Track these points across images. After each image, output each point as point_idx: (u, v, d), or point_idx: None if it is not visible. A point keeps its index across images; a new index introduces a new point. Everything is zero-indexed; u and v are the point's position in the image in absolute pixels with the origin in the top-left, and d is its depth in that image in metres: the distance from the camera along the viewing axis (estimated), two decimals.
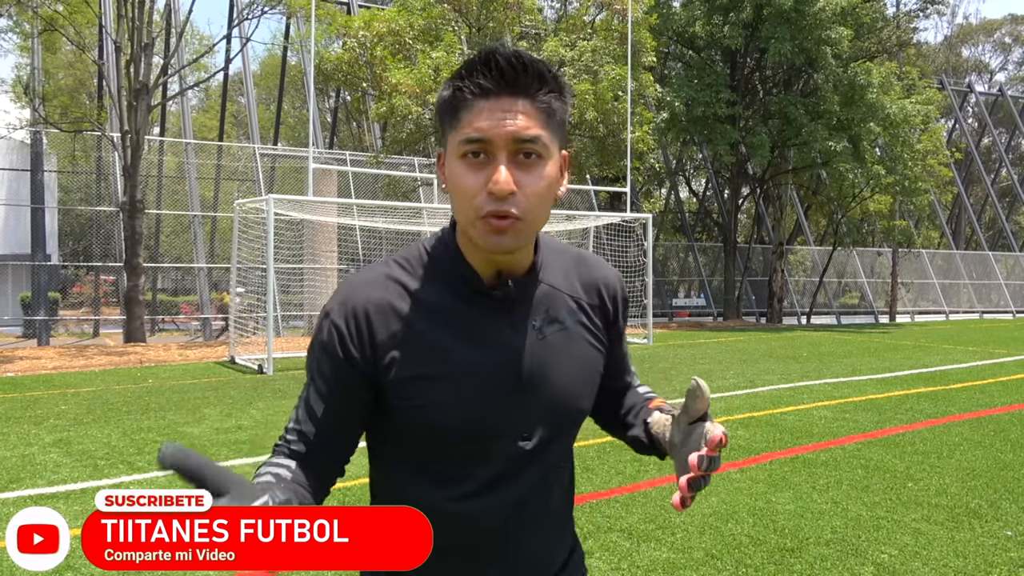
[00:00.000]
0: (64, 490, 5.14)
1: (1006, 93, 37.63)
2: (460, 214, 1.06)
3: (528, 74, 1.02)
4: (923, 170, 23.49)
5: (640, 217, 17.74)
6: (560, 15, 21.62)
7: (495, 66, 1.01)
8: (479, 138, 1.01)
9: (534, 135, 1.02)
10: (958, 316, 30.15)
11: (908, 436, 6.97)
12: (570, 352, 1.15)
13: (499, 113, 1.01)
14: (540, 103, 1.03)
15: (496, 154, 1.01)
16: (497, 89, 1.01)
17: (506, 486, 1.12)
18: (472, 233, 1.05)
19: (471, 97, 1.02)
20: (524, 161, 1.02)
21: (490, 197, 1.01)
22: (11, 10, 15.84)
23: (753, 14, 22.07)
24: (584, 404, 1.17)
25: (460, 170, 1.03)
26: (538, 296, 1.14)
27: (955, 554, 4.03)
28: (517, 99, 1.02)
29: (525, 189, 1.02)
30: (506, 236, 1.03)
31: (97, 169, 18.85)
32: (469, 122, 1.02)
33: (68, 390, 9.54)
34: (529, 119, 1.02)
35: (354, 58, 15.92)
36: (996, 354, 14.58)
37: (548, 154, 1.04)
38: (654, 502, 4.88)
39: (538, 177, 1.03)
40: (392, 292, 1.10)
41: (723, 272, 26.26)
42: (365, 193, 20.62)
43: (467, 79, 1.03)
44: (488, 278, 1.10)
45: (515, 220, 1.02)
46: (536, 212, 1.04)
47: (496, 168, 1.01)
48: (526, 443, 1.11)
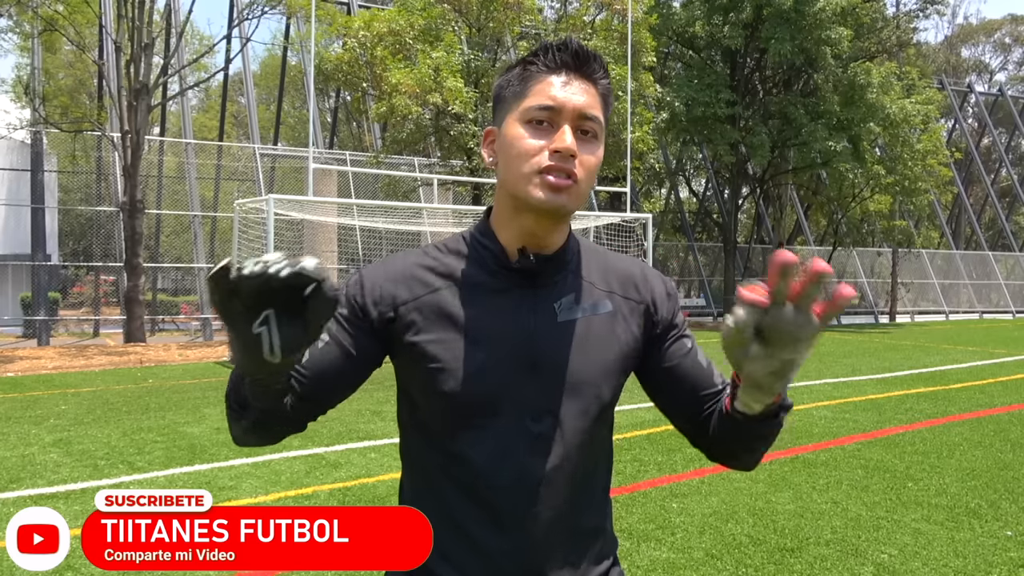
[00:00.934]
0: (64, 490, 5.14)
1: (1006, 93, 37.63)
2: (513, 173, 1.10)
3: (596, 62, 1.13)
4: (923, 170, 23.48)
5: (640, 217, 17.73)
6: (560, 15, 21.61)
7: (571, 48, 1.11)
8: (550, 106, 1.09)
9: (595, 114, 1.12)
10: (958, 316, 30.15)
11: (908, 436, 6.97)
12: (593, 339, 1.15)
13: (570, 87, 1.10)
14: (601, 88, 1.14)
15: (561, 123, 1.09)
16: (570, 67, 1.11)
17: (520, 467, 1.11)
18: (524, 190, 1.09)
19: (545, 71, 1.11)
20: (582, 136, 1.11)
21: (554, 155, 1.08)
22: (11, 10, 15.83)
23: (753, 14, 22.07)
24: (603, 394, 1.15)
25: (523, 132, 1.10)
26: (568, 284, 1.17)
27: (955, 554, 4.04)
28: (584, 80, 1.11)
29: (583, 158, 1.10)
30: (564, 195, 1.08)
31: (97, 169, 18.85)
32: (541, 91, 1.10)
33: (68, 390, 9.54)
34: (593, 99, 1.12)
35: (354, 58, 15.91)
36: (996, 354, 14.58)
37: (601, 136, 1.14)
38: (654, 502, 4.88)
39: (592, 152, 1.12)
40: (421, 263, 1.16)
41: (723, 272, 26.26)
42: (365, 193, 20.62)
43: (542, 55, 1.12)
44: (512, 253, 1.15)
45: (573, 184, 1.09)
46: (586, 183, 1.11)
47: (562, 131, 1.08)
48: (535, 424, 1.11)
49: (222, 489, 5.13)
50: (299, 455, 6.09)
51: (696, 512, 4.68)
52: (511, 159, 1.11)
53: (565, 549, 1.15)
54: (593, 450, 1.18)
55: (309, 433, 7.11)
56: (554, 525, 1.13)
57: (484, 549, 1.11)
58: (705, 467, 5.79)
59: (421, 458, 1.18)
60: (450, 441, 1.13)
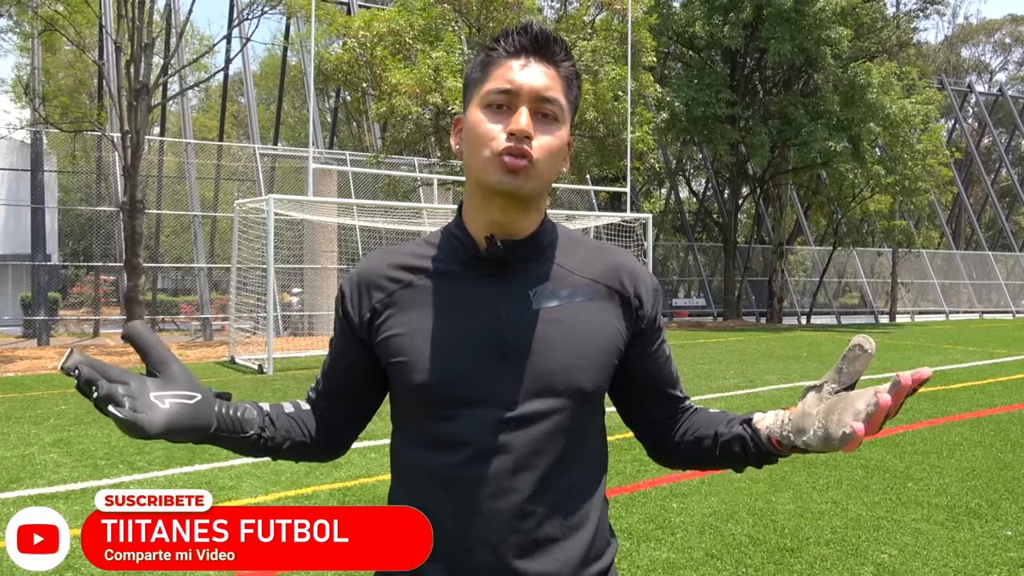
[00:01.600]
0: (64, 490, 5.14)
1: (1006, 93, 37.63)
2: (473, 157, 1.12)
3: (556, 44, 1.12)
4: (923, 170, 23.48)
5: (640, 217, 17.73)
6: (560, 15, 21.61)
7: (529, 32, 1.11)
8: (507, 89, 1.09)
9: (554, 96, 1.10)
10: (958, 316, 30.14)
11: (908, 436, 6.97)
12: (570, 327, 1.12)
13: (528, 70, 1.10)
14: (563, 71, 1.13)
15: (519, 105, 1.09)
16: (529, 50, 1.11)
17: (496, 459, 1.08)
18: (483, 174, 1.10)
19: (505, 55, 1.11)
20: (542, 120, 1.10)
21: (510, 137, 1.07)
22: (11, 10, 15.83)
23: (753, 14, 22.07)
24: (582, 381, 1.12)
25: (482, 117, 1.10)
26: (543, 271, 1.15)
27: (955, 554, 4.03)
28: (544, 63, 1.11)
29: (541, 140, 1.09)
30: (519, 176, 1.08)
31: (97, 169, 18.85)
32: (500, 75, 1.10)
33: (68, 390, 9.53)
34: (552, 81, 1.11)
35: (354, 58, 15.91)
36: (996, 354, 14.58)
37: (563, 119, 1.12)
38: (654, 502, 4.88)
39: (552, 133, 1.11)
40: (394, 262, 1.18)
41: (723, 272, 26.26)
42: (365, 193, 20.62)
43: (502, 40, 1.13)
44: (481, 242, 1.14)
45: (528, 165, 1.08)
46: (546, 164, 1.10)
47: (518, 112, 1.08)
48: (509, 414, 1.09)
49: (222, 489, 5.13)
50: None
51: (696, 512, 4.68)
52: (472, 144, 1.12)
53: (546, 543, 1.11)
54: (573, 442, 1.14)
55: None
56: (532, 518, 1.10)
57: (465, 544, 1.09)
58: None
59: (402, 456, 1.18)
60: (426, 435, 1.12)
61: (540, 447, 1.10)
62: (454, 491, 1.10)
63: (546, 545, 1.11)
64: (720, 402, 8.73)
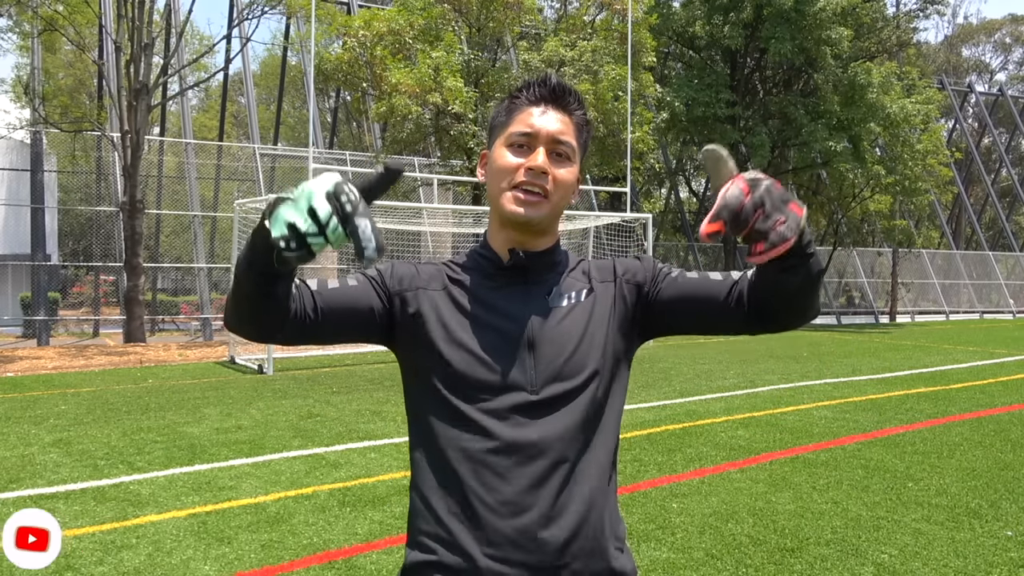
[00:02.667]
0: (64, 490, 5.14)
1: (1006, 93, 37.62)
2: (495, 188, 1.31)
3: (570, 95, 1.32)
4: (923, 170, 23.47)
5: (640, 217, 17.73)
6: (560, 15, 21.60)
7: (548, 84, 1.31)
8: (528, 132, 1.29)
9: (567, 140, 1.30)
10: (958, 316, 30.14)
11: (908, 436, 6.97)
12: (579, 320, 1.31)
13: (546, 118, 1.30)
14: (576, 119, 1.33)
15: (537, 146, 1.29)
16: (547, 100, 1.31)
17: (522, 435, 1.24)
18: (501, 203, 1.29)
19: (527, 103, 1.31)
20: (556, 158, 1.30)
21: (528, 172, 1.27)
22: (11, 10, 15.83)
23: (753, 14, 22.06)
24: (590, 362, 1.29)
25: (505, 153, 1.30)
26: (556, 280, 1.35)
27: (955, 554, 4.03)
28: (560, 111, 1.31)
29: (555, 174, 1.29)
30: (533, 208, 1.27)
31: (97, 169, 18.84)
32: (522, 120, 1.30)
33: (68, 390, 9.53)
34: (566, 127, 1.31)
35: (354, 58, 15.90)
36: (996, 354, 14.58)
37: (574, 159, 1.32)
38: (654, 502, 4.88)
39: (565, 170, 1.30)
40: (438, 269, 1.37)
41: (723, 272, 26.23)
42: None
43: (525, 91, 1.32)
44: (506, 256, 1.33)
45: (543, 197, 1.27)
46: (559, 196, 1.30)
47: (536, 152, 1.28)
48: (535, 396, 1.25)
49: (222, 489, 5.12)
50: (299, 455, 6.09)
51: (696, 512, 4.68)
52: (493, 176, 1.31)
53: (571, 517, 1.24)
54: (590, 421, 1.29)
55: (309, 433, 7.10)
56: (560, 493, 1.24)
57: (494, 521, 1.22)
58: (705, 467, 5.79)
59: (434, 442, 1.29)
60: (464, 417, 1.26)
61: (564, 423, 1.26)
62: (489, 468, 1.23)
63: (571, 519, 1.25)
64: (720, 402, 8.74)
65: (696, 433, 7.02)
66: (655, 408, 8.30)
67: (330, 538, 4.23)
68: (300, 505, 4.81)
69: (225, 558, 3.93)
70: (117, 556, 3.89)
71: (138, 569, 3.74)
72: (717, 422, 7.54)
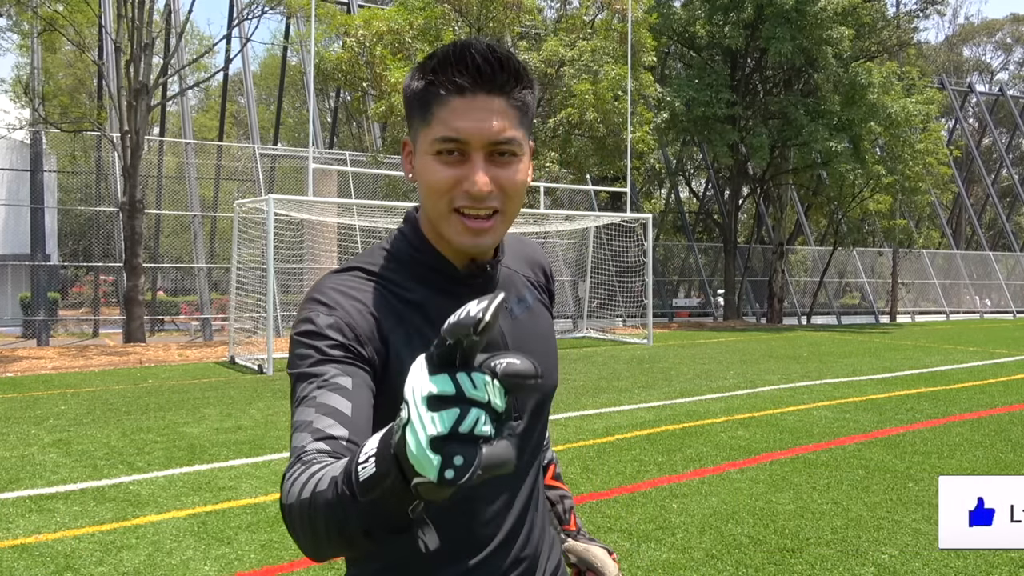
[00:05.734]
0: (64, 490, 5.13)
1: (1007, 93, 37.62)
2: (432, 209, 1.04)
3: (504, 71, 0.99)
4: (923, 169, 23.47)
5: (640, 217, 17.72)
6: (560, 15, 21.60)
7: (471, 63, 0.97)
8: (455, 138, 0.98)
9: (510, 136, 1.00)
10: (958, 316, 30.14)
11: (908, 436, 6.96)
12: (537, 330, 1.18)
13: (476, 113, 0.98)
14: (515, 101, 1.01)
15: (472, 154, 0.99)
16: (473, 87, 0.98)
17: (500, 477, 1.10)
18: (444, 228, 1.03)
19: (445, 93, 0.98)
20: (500, 159, 1.01)
21: (467, 195, 1.00)
22: (11, 10, 15.82)
23: (754, 14, 22.05)
24: (555, 379, 1.21)
25: (433, 166, 1.01)
26: (503, 279, 1.15)
27: (955, 554, 4.03)
28: (493, 98, 0.99)
29: (503, 184, 1.01)
30: (486, 236, 1.03)
31: (97, 169, 18.84)
32: (443, 120, 0.99)
33: (68, 390, 9.53)
34: (505, 119, 1.00)
35: (354, 58, 15.90)
36: (996, 354, 14.57)
37: (522, 151, 1.04)
38: (654, 502, 4.87)
39: (514, 172, 1.02)
40: (373, 288, 1.06)
41: (723, 272, 26.26)
42: (365, 193, 20.61)
43: (441, 74, 0.99)
44: (462, 266, 1.09)
45: (495, 219, 1.02)
46: (513, 205, 1.04)
47: (474, 168, 0.99)
48: (518, 424, 1.11)
49: (222, 489, 5.12)
50: None
51: (696, 512, 4.68)
52: (425, 191, 1.03)
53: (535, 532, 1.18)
54: (542, 435, 1.21)
55: None
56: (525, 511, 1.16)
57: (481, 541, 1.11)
58: (705, 467, 5.79)
59: None
60: None
61: (532, 446, 1.16)
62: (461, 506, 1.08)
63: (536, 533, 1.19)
64: (720, 402, 8.73)
65: (696, 433, 7.01)
66: (655, 408, 8.29)
67: None
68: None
69: (225, 558, 3.93)
70: (117, 556, 3.89)
71: (138, 569, 3.74)
72: (717, 422, 7.54)
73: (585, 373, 11.23)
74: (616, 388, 9.74)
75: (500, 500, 1.11)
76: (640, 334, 17.14)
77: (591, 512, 4.60)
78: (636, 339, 16.85)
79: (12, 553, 3.91)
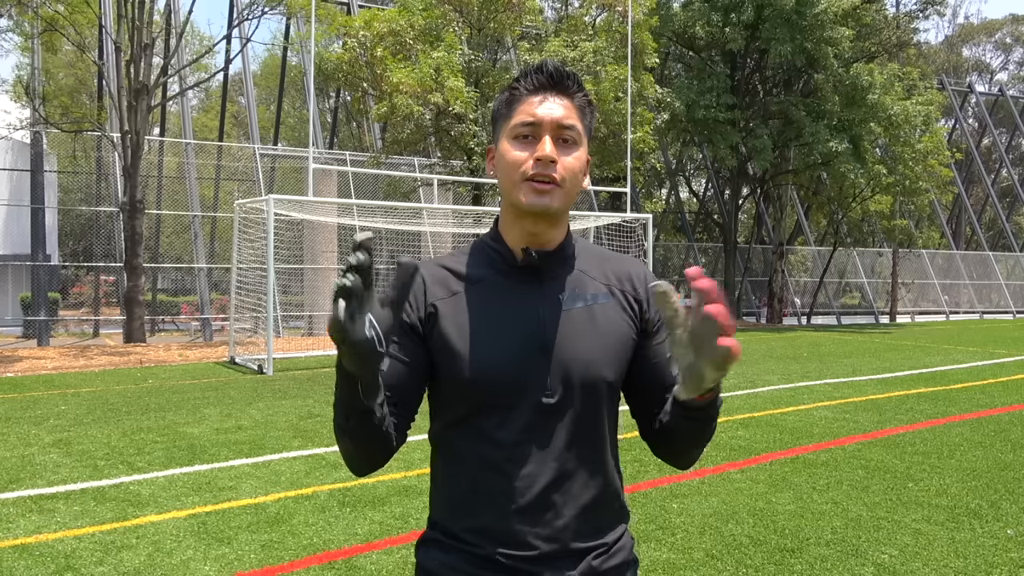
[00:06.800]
0: (64, 490, 5.14)
1: (1006, 93, 37.61)
2: (506, 182, 1.28)
3: (569, 79, 1.29)
4: (924, 170, 23.47)
5: (640, 217, 17.72)
6: (561, 16, 21.60)
7: (546, 70, 1.28)
8: (531, 121, 1.26)
9: (572, 123, 1.27)
10: (958, 316, 30.13)
11: (908, 436, 6.97)
12: (594, 326, 1.30)
13: (547, 104, 1.27)
14: (577, 101, 1.30)
15: (542, 135, 1.25)
16: (546, 86, 1.28)
17: (539, 439, 1.25)
18: (515, 196, 1.26)
19: (526, 92, 1.28)
20: (563, 144, 1.27)
21: (537, 163, 1.24)
22: (12, 10, 15.83)
23: (754, 15, 22.05)
24: (606, 373, 1.29)
25: (512, 147, 1.27)
26: (570, 277, 1.32)
27: (955, 554, 4.03)
28: (560, 96, 1.28)
29: (564, 161, 1.26)
30: (548, 196, 1.24)
31: (97, 169, 18.85)
32: (523, 110, 1.27)
33: (68, 390, 9.54)
34: (569, 111, 1.28)
35: (354, 58, 15.90)
36: (996, 354, 14.57)
37: (581, 142, 1.29)
38: (654, 502, 4.88)
39: (573, 155, 1.27)
40: (445, 265, 1.33)
41: (723, 272, 26.27)
42: (365, 193, 20.62)
43: (523, 80, 1.29)
44: (518, 253, 1.30)
45: (555, 185, 1.25)
46: (571, 182, 1.27)
47: (543, 141, 1.25)
48: (549, 399, 1.25)
49: (222, 489, 5.12)
50: (299, 455, 6.09)
51: (696, 512, 4.68)
52: (503, 170, 1.28)
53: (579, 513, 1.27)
54: (599, 424, 1.31)
55: (309, 433, 7.09)
56: (569, 490, 1.27)
57: (506, 515, 1.24)
58: (705, 467, 5.79)
59: (451, 441, 1.31)
60: (477, 422, 1.26)
61: (575, 428, 1.27)
62: (501, 469, 1.25)
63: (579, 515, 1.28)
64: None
65: None
66: None
67: (330, 538, 4.23)
68: (300, 505, 4.81)
69: (225, 558, 3.93)
70: (117, 556, 3.89)
71: (138, 569, 3.74)
72: (717, 422, 7.53)
73: None
74: None
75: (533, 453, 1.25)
76: None
77: None
78: None
79: (12, 553, 3.91)
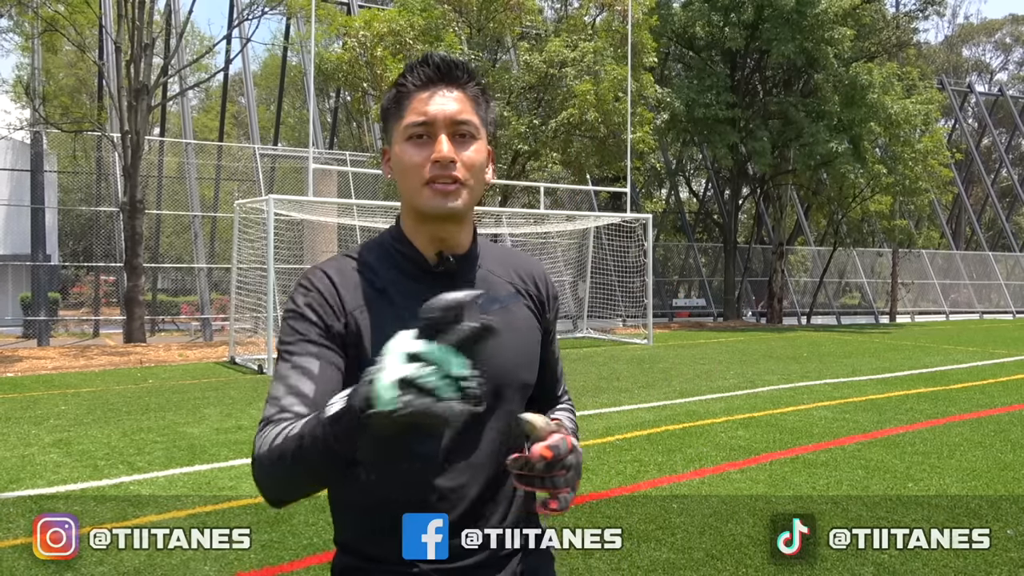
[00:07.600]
0: (64, 490, 5.14)
1: (1006, 93, 37.60)
2: (407, 187, 1.22)
3: (459, 68, 1.22)
4: (924, 170, 23.45)
5: (640, 217, 17.73)
6: (560, 16, 21.60)
7: (431, 62, 1.21)
8: (423, 121, 1.19)
9: (467, 118, 1.21)
10: (958, 316, 30.13)
11: (908, 436, 6.97)
12: (511, 329, 1.26)
13: (438, 99, 1.20)
14: (470, 92, 1.23)
15: (437, 133, 1.19)
16: (435, 80, 1.21)
17: (464, 449, 1.21)
18: (418, 201, 1.20)
19: (413, 88, 1.21)
20: (460, 140, 1.21)
21: (435, 165, 1.18)
22: (12, 11, 15.83)
23: (754, 15, 22.04)
24: (525, 376, 1.28)
25: (407, 149, 1.21)
26: (479, 279, 1.28)
27: (956, 554, 4.03)
28: (451, 88, 1.21)
29: (463, 158, 1.20)
30: (452, 197, 1.19)
31: (97, 169, 18.84)
32: (413, 109, 1.20)
33: (68, 390, 9.54)
34: (463, 104, 1.21)
35: (354, 58, 15.89)
36: (996, 354, 14.57)
37: (479, 134, 1.23)
38: (654, 502, 4.88)
39: (472, 149, 1.21)
40: (350, 271, 1.24)
41: (723, 272, 26.25)
42: (365, 193, 20.60)
43: (409, 74, 1.22)
44: (431, 257, 1.25)
45: (459, 184, 1.19)
46: (474, 179, 1.22)
47: (439, 141, 1.19)
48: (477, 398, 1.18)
49: (222, 489, 5.12)
50: None
51: (696, 512, 4.68)
52: (401, 175, 1.23)
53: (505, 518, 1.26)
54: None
55: None
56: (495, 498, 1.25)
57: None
58: (705, 467, 5.79)
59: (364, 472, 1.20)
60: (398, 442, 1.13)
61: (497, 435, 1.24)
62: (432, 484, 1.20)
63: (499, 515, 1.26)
64: (721, 402, 8.73)
65: (696, 433, 7.02)
66: (655, 408, 8.30)
67: (330, 538, 4.22)
68: (300, 505, 4.80)
69: (225, 558, 3.93)
70: (117, 556, 3.89)
71: (138, 569, 3.74)
72: (717, 422, 7.54)
73: (585, 373, 11.23)
74: (616, 388, 9.74)
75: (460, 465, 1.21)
76: (640, 334, 17.14)
77: (591, 512, 4.60)
78: (636, 339, 16.86)
79: (12, 553, 3.92)
